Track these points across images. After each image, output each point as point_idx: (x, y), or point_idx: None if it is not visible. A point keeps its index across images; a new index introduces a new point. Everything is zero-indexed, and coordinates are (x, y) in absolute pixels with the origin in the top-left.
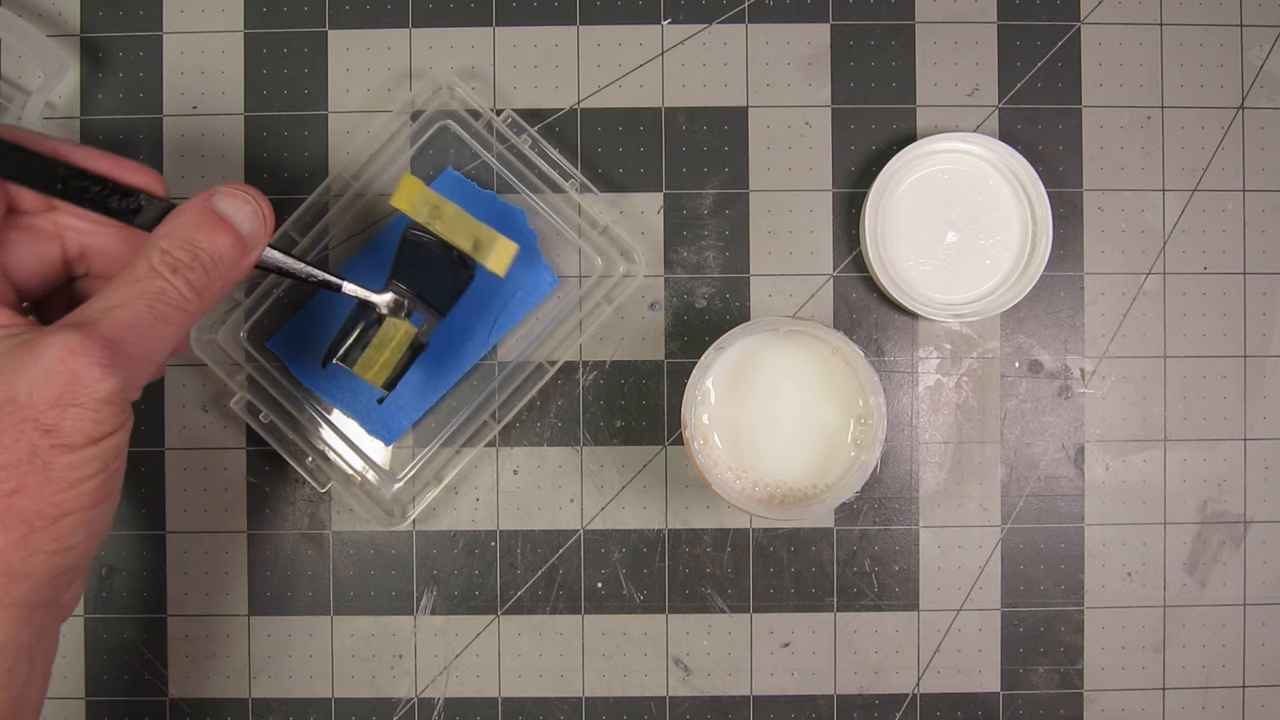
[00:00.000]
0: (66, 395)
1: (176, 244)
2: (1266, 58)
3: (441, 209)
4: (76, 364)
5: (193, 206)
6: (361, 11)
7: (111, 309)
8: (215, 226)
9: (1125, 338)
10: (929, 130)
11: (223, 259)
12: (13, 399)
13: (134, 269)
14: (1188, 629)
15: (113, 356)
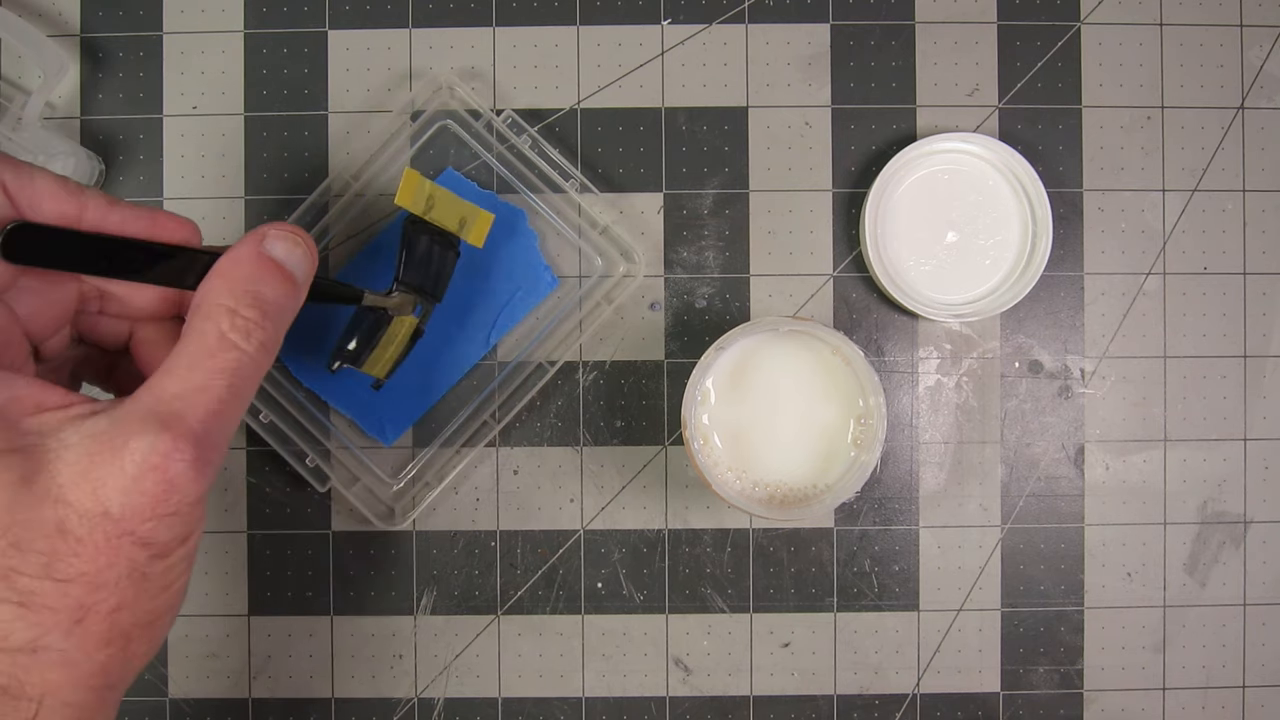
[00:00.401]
0: (161, 505)
1: (244, 302)
2: (1266, 58)
3: (434, 196)
4: (170, 471)
5: (247, 256)
6: (361, 11)
7: (192, 395)
8: (275, 275)
9: (1125, 338)
10: (929, 130)
11: (285, 309)
12: (105, 512)
13: (200, 338)
14: (1188, 629)
15: (203, 453)
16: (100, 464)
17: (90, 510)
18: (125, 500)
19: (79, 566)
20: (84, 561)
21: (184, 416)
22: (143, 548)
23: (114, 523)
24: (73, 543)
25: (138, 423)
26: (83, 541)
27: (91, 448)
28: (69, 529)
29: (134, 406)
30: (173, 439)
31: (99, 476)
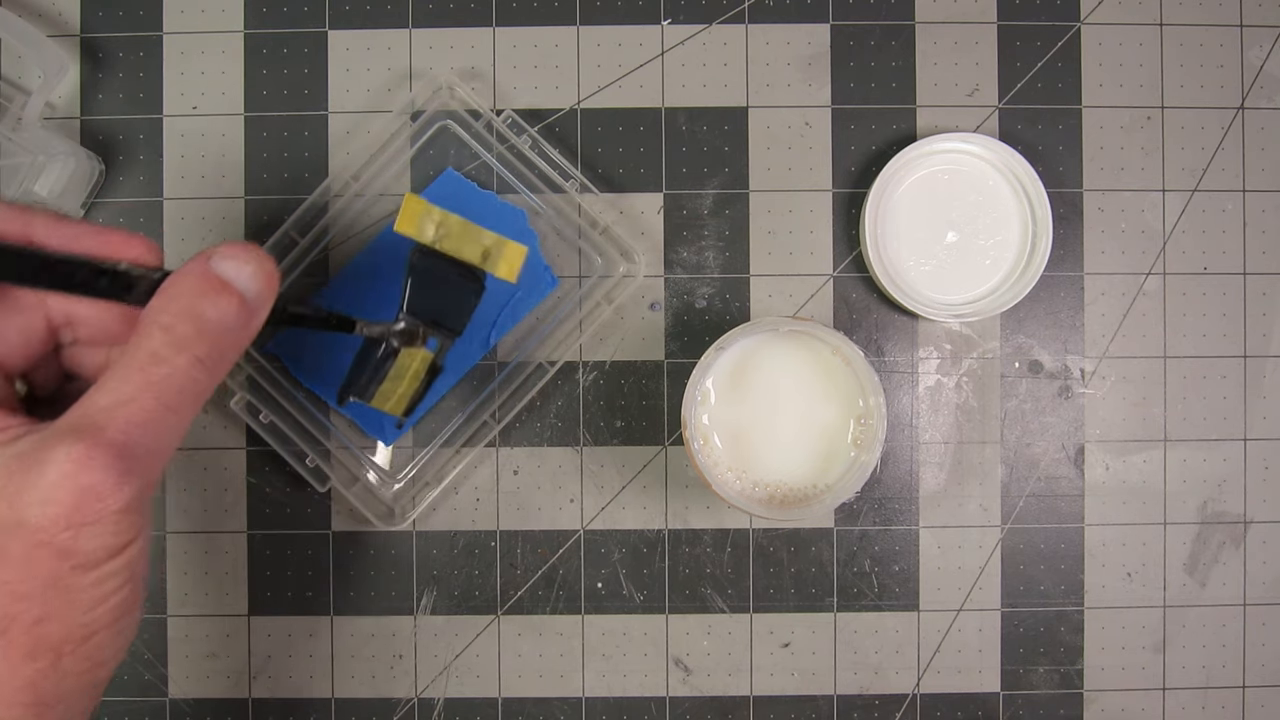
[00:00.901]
0: (78, 514)
1: (178, 317)
2: (1266, 58)
3: (447, 224)
4: (86, 478)
5: (190, 272)
6: (361, 11)
7: (115, 407)
8: (218, 292)
9: (1125, 338)
10: (929, 130)
11: (229, 327)
12: (21, 522)
13: (134, 353)
14: (1188, 629)
15: (124, 462)
16: (19, 477)
17: (7, 520)
18: (42, 510)
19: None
20: (3, 571)
21: (104, 427)
22: (62, 557)
23: (30, 532)
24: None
25: (57, 436)
26: (1, 552)
27: (13, 465)
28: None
29: (60, 422)
30: (88, 447)
31: (16, 488)
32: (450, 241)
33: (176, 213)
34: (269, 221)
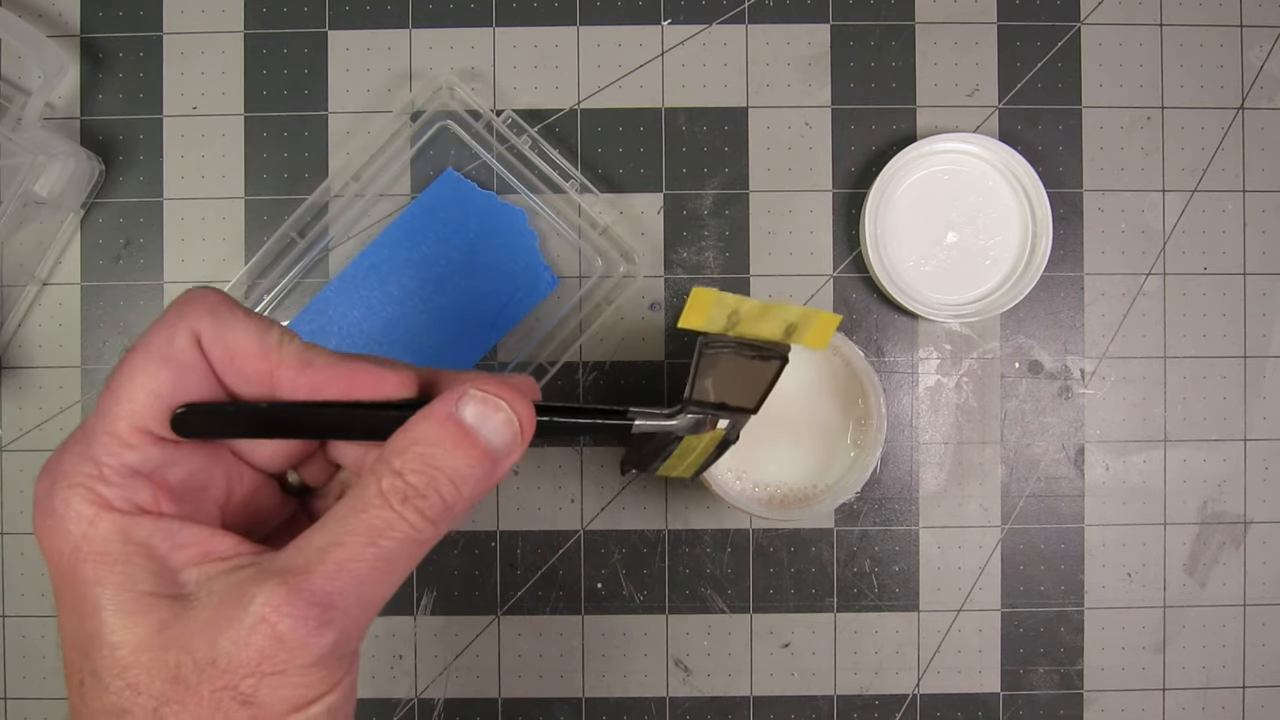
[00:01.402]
0: (265, 663)
1: (411, 464)
2: (1266, 58)
3: (740, 310)
4: (280, 625)
5: (434, 415)
6: (361, 11)
7: (326, 549)
8: (458, 443)
9: (1125, 338)
10: (929, 130)
11: (465, 481)
12: (213, 661)
13: (360, 493)
14: (1188, 629)
15: (324, 612)
16: (225, 613)
17: (203, 659)
18: (234, 652)
19: (183, 717)
20: (188, 712)
21: (310, 572)
22: (243, 705)
23: (219, 674)
24: (181, 690)
25: (266, 574)
26: (191, 690)
27: (225, 596)
28: (183, 676)
29: (274, 557)
30: (287, 593)
31: (219, 624)
32: (746, 325)
33: (176, 213)
34: (269, 221)
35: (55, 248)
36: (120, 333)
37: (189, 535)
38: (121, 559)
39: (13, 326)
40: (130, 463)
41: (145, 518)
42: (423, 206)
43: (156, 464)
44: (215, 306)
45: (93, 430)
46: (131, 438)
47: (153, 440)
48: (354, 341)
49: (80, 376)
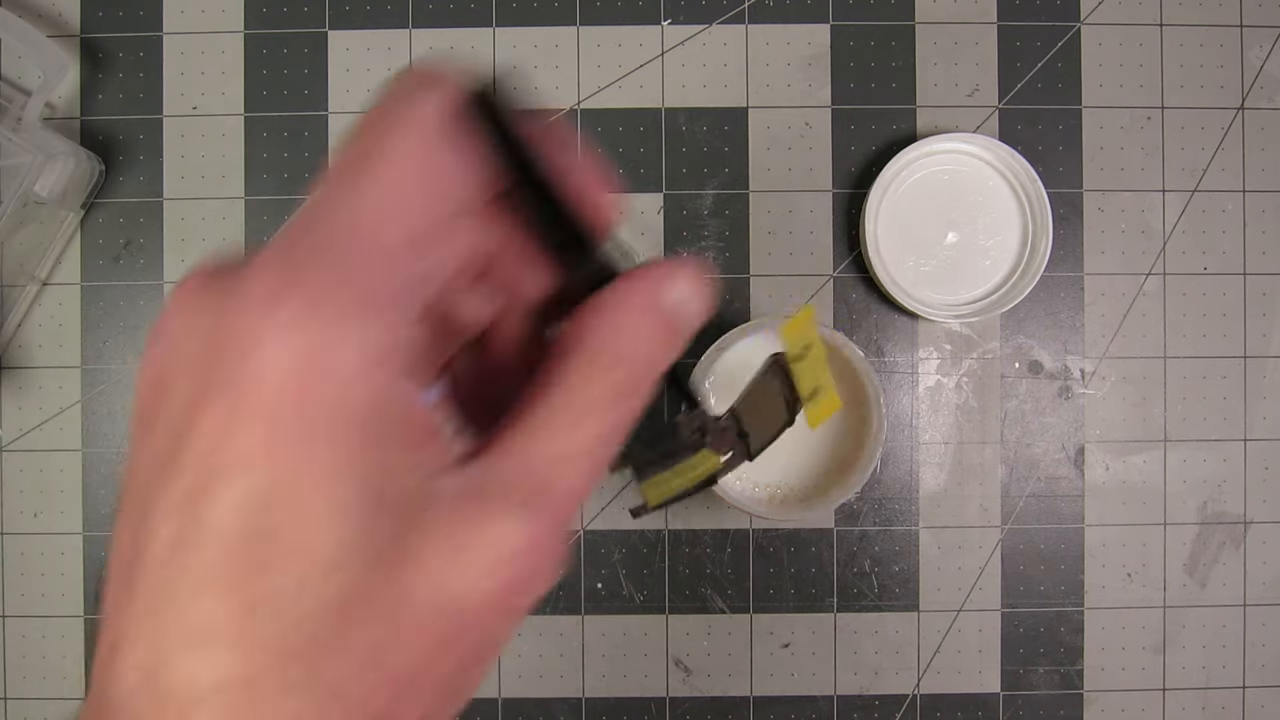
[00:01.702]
0: (511, 598)
1: (625, 364)
2: (1266, 58)
3: (812, 347)
4: (538, 563)
5: (643, 308)
6: (361, 12)
7: (561, 464)
8: (669, 340)
9: (1125, 338)
10: (929, 130)
11: (657, 372)
12: (452, 600)
13: (589, 388)
14: (1188, 630)
15: (566, 536)
16: (458, 536)
17: (438, 594)
18: (475, 583)
19: (404, 659)
20: (414, 654)
21: (553, 490)
22: (470, 650)
23: (462, 614)
24: (408, 630)
25: (502, 497)
26: (422, 629)
27: (454, 513)
28: (411, 612)
29: (503, 468)
30: (539, 528)
31: (457, 544)
32: (804, 365)
33: (176, 213)
34: (269, 221)
35: (55, 248)
36: (120, 332)
37: (415, 407)
38: (363, 439)
39: (13, 326)
40: (399, 294)
41: (403, 383)
42: None
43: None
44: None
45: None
46: (402, 253)
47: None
48: None
49: (80, 376)
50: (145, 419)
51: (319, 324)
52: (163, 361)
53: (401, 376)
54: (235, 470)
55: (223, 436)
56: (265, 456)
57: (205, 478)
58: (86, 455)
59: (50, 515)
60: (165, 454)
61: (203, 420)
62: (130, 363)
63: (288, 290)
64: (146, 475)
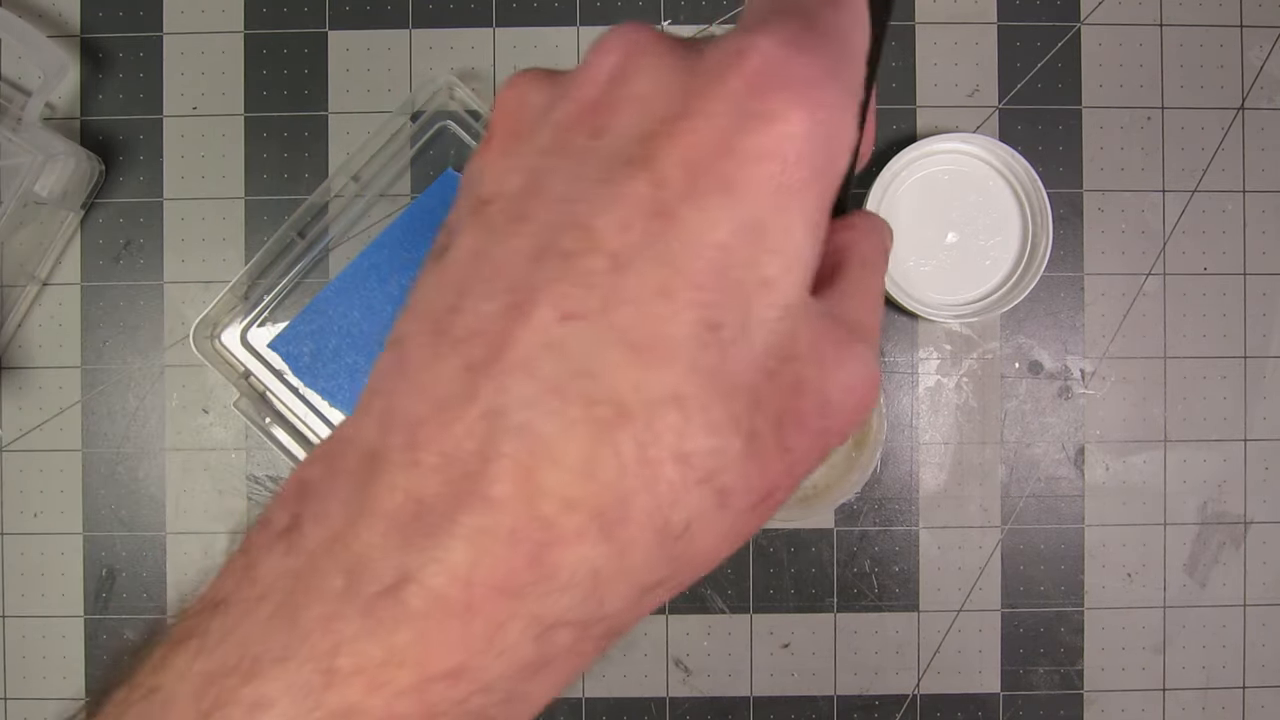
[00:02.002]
0: (856, 417)
1: (875, 250)
2: (1266, 58)
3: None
4: (873, 394)
5: (885, 236)
6: (361, 12)
7: (870, 321)
8: (884, 239)
9: (1125, 338)
10: (929, 131)
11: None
12: (827, 400)
13: (873, 279)
14: (1188, 630)
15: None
16: (833, 351)
17: (811, 381)
18: (841, 396)
19: (799, 443)
20: (805, 439)
21: (876, 342)
22: (817, 458)
23: (826, 416)
24: (808, 417)
25: (857, 331)
26: (808, 417)
27: (829, 333)
28: (803, 400)
29: (843, 309)
30: (878, 370)
31: (832, 360)
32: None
33: (176, 213)
34: (269, 221)
35: (55, 248)
36: (120, 332)
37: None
38: (824, 211)
39: (13, 326)
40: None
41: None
42: (423, 207)
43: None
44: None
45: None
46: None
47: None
48: (354, 341)
49: (80, 376)
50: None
51: (836, 94)
52: (595, 94)
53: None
54: (723, 197)
55: (710, 163)
56: (768, 193)
57: (688, 191)
58: (86, 455)
59: (50, 515)
60: (611, 160)
61: (681, 137)
62: (130, 362)
63: (811, 57)
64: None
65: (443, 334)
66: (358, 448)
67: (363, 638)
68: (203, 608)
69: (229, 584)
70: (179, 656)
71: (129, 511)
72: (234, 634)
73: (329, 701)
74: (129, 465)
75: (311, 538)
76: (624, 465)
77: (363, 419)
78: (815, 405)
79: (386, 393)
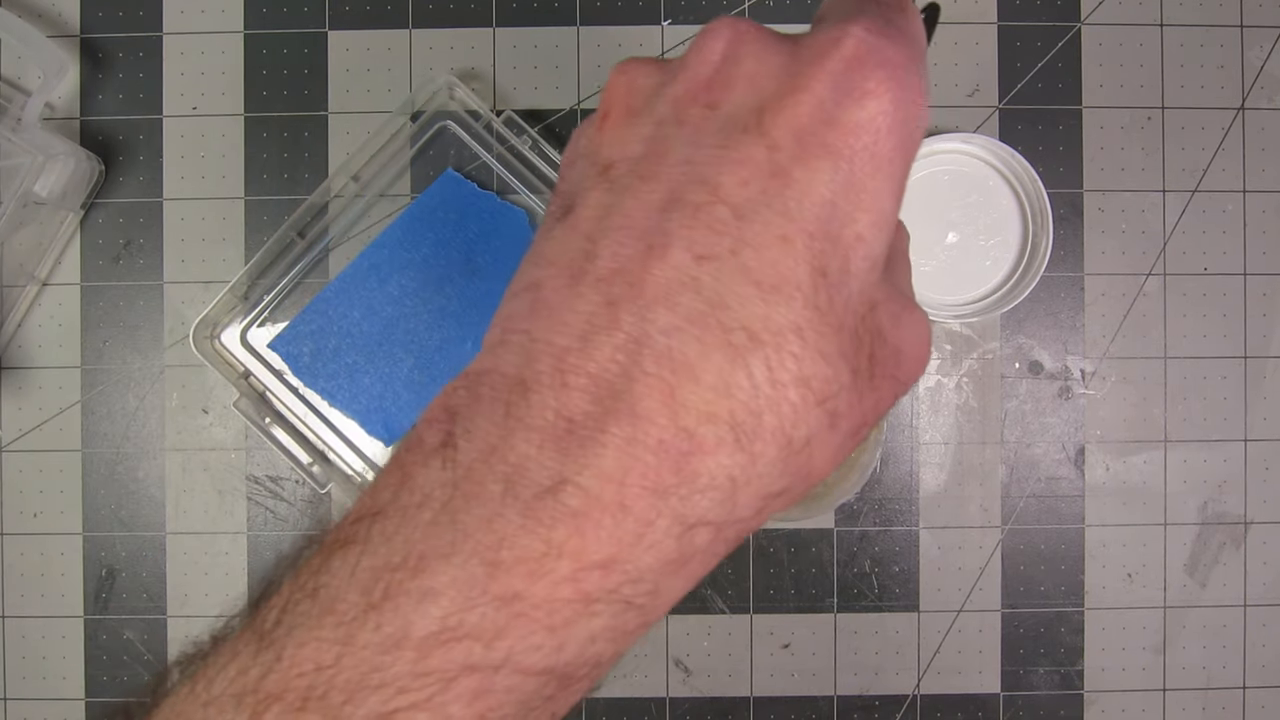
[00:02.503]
0: (915, 372)
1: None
2: (1267, 58)
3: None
4: (927, 360)
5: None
6: (361, 12)
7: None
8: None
9: (1125, 338)
10: (929, 131)
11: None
12: (898, 350)
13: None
14: (1188, 630)
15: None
16: (895, 305)
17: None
18: (906, 349)
19: (882, 385)
20: (886, 383)
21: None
22: (891, 403)
23: (899, 365)
24: (888, 364)
25: (908, 294)
26: (888, 363)
27: (889, 289)
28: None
29: (898, 276)
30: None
31: (894, 313)
32: None
33: (176, 213)
34: (269, 221)
35: (55, 248)
36: (120, 332)
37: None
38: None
39: (13, 326)
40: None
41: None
42: (423, 207)
43: None
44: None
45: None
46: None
47: None
48: (354, 341)
49: (80, 376)
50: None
51: (916, 78)
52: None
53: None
54: (827, 160)
55: (816, 131)
56: (864, 159)
57: (798, 154)
58: (86, 455)
59: (50, 515)
60: (728, 127)
61: (791, 109)
62: (130, 362)
63: (898, 45)
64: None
65: (580, 275)
66: (502, 376)
67: (523, 534)
68: (359, 517)
69: (385, 495)
70: (341, 559)
71: (129, 511)
72: (396, 536)
73: (493, 589)
74: (129, 465)
75: (466, 452)
76: (756, 385)
77: (502, 352)
78: (892, 354)
79: (525, 330)
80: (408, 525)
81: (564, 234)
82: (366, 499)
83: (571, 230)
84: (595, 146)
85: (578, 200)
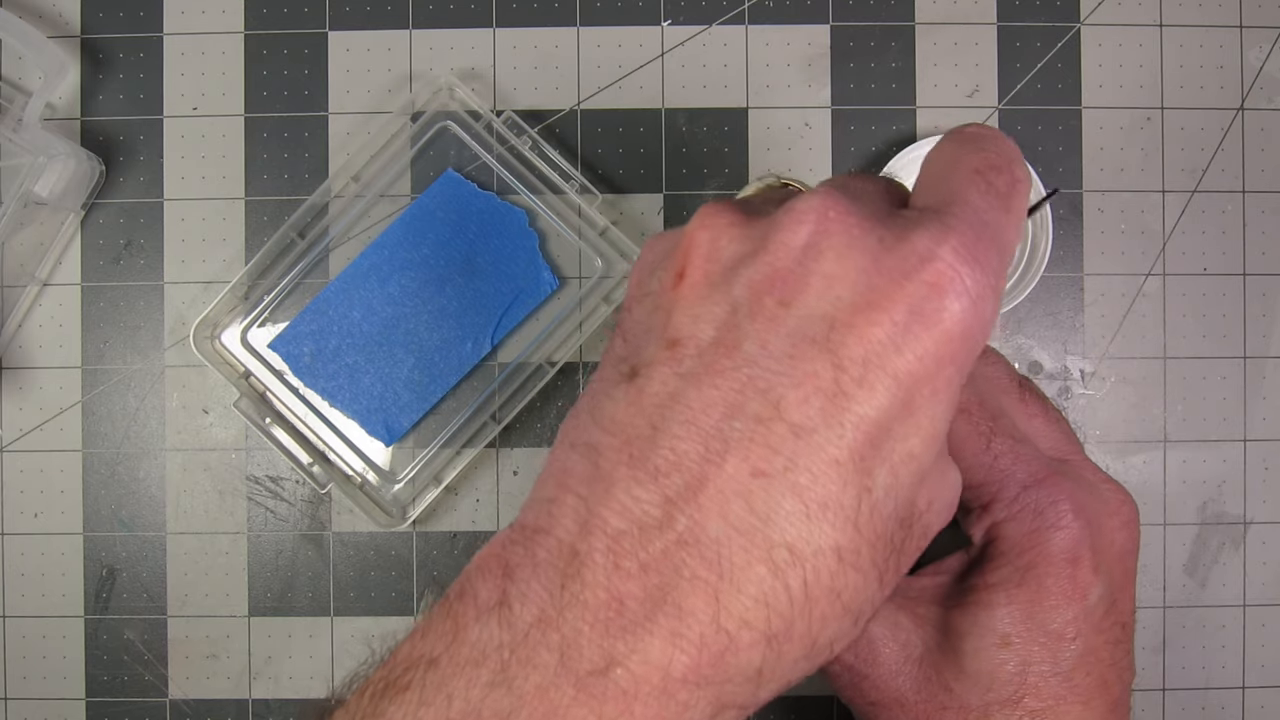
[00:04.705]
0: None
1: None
2: (1266, 58)
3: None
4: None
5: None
6: (361, 12)
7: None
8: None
9: (1125, 339)
10: (929, 131)
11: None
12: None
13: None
14: (1188, 630)
15: None
16: (938, 487)
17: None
18: (937, 524)
19: (907, 565)
20: (910, 560)
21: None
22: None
23: (926, 538)
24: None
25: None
26: (919, 545)
27: (936, 471)
28: (920, 539)
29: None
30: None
31: (933, 497)
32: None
33: (176, 213)
34: (269, 222)
35: (55, 248)
36: (120, 333)
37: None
38: (960, 384)
39: (13, 327)
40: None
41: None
42: (423, 207)
43: None
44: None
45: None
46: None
47: None
48: (354, 341)
49: (80, 377)
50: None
51: (994, 299)
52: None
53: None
54: (889, 385)
55: (883, 357)
56: (923, 384)
57: (861, 378)
58: (86, 455)
59: (50, 515)
60: (798, 336)
61: (862, 329)
62: (130, 363)
63: (982, 272)
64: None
65: (640, 461)
66: (558, 541)
67: (576, 706)
68: (411, 664)
69: (438, 645)
70: (397, 706)
71: (129, 512)
72: (448, 689)
73: None
74: (129, 465)
75: (522, 616)
76: (792, 598)
77: (557, 513)
78: (920, 533)
79: (582, 497)
80: (461, 679)
81: (628, 405)
82: (416, 643)
83: (635, 405)
84: (668, 307)
85: (643, 369)
